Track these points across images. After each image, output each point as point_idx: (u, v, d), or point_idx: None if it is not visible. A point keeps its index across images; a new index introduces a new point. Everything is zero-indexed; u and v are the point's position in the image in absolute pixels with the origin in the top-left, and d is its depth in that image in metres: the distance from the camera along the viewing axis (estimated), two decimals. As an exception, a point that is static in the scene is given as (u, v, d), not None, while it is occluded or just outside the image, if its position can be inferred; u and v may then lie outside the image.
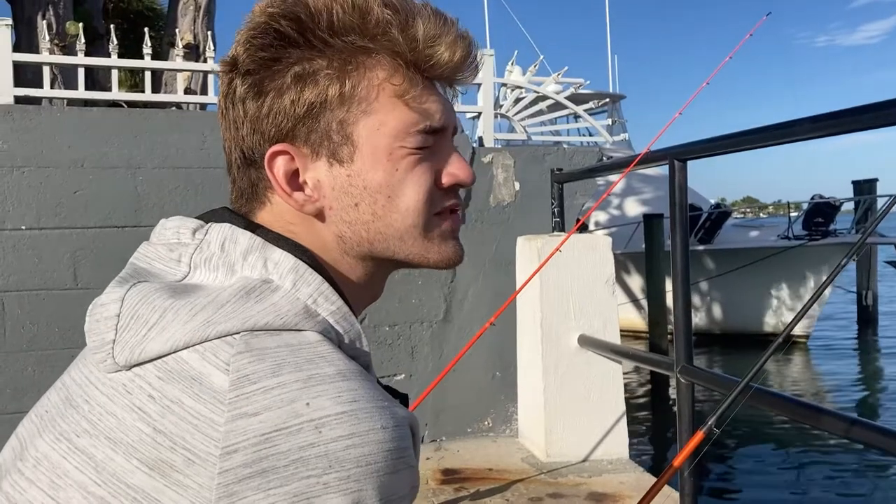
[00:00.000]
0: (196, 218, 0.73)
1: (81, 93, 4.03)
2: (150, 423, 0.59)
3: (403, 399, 0.79)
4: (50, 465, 0.62)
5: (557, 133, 5.55)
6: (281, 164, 0.71)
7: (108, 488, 0.58)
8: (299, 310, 0.64)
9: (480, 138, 4.68)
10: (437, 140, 0.75)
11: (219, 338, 0.61)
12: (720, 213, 16.75)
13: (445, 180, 0.76)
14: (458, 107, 4.64)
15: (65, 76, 5.42)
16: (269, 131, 0.71)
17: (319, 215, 0.73)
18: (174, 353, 0.61)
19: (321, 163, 0.72)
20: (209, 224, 0.71)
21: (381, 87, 0.71)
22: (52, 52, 4.79)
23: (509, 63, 5.21)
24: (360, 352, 0.69)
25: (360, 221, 0.73)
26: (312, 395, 0.58)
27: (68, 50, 5.74)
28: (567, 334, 3.63)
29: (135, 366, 0.62)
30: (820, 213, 15.44)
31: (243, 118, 0.72)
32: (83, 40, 4.09)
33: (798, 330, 13.85)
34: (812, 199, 16.01)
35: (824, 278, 13.79)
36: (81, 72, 4.02)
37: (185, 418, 0.58)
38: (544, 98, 5.08)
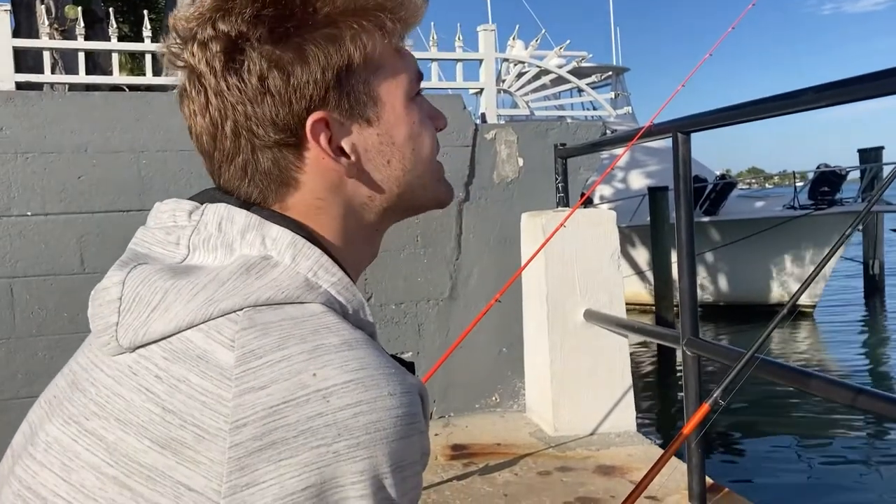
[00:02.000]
0: (189, 199, 0.72)
1: (83, 77, 4.02)
2: (159, 402, 0.59)
3: (410, 367, 0.81)
4: (61, 449, 0.63)
5: (561, 107, 5.54)
6: (322, 132, 0.70)
7: (122, 468, 0.59)
8: (300, 283, 0.65)
9: (483, 114, 4.66)
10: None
11: (222, 315, 0.61)
12: (725, 185, 16.68)
13: (439, 123, 0.80)
14: (460, 83, 4.62)
15: (65, 61, 5.40)
16: (300, 103, 0.68)
17: (357, 178, 0.74)
18: (178, 332, 0.61)
19: (354, 126, 0.72)
20: (204, 205, 0.71)
21: (384, 45, 0.73)
22: (51, 36, 4.79)
23: (511, 38, 5.16)
24: (365, 321, 0.69)
25: (393, 177, 0.75)
26: (318, 365, 0.58)
27: (68, 34, 5.72)
28: (573, 309, 3.64)
29: (139, 347, 0.62)
30: (826, 183, 15.37)
31: (263, 93, 0.68)
32: (82, 24, 4.08)
33: (804, 300, 13.83)
34: (818, 168, 15.93)
35: (830, 248, 13.73)
36: (82, 56, 4.01)
37: (193, 396, 0.59)
38: (547, 72, 5.05)
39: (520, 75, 5.01)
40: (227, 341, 0.60)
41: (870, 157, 16.77)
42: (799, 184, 16.08)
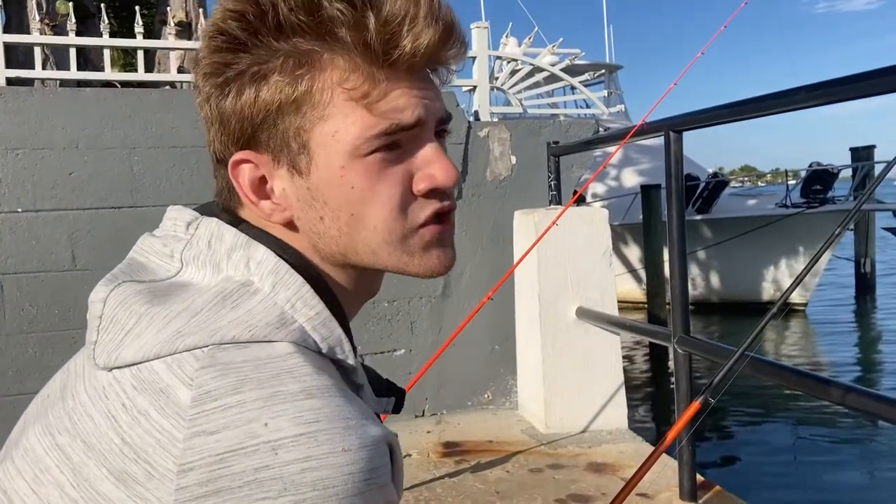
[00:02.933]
0: (194, 209, 0.72)
1: (74, 73, 4.00)
2: (120, 432, 0.59)
3: (400, 395, 0.78)
4: (34, 458, 0.62)
5: (554, 105, 5.53)
6: (245, 172, 0.69)
7: (82, 492, 0.59)
8: (273, 318, 0.63)
9: (476, 112, 4.66)
10: (410, 139, 0.68)
11: (187, 350, 0.60)
12: (717, 183, 16.74)
13: (421, 186, 0.69)
14: (452, 80, 4.62)
15: (57, 56, 5.38)
16: (234, 135, 0.68)
17: (290, 225, 0.70)
18: (146, 362, 0.61)
19: (284, 171, 0.68)
20: (201, 218, 0.70)
21: (335, 89, 0.65)
22: (42, 32, 4.76)
23: (504, 35, 5.17)
24: (340, 359, 0.67)
25: (329, 235, 0.69)
26: (271, 415, 0.56)
27: (59, 29, 5.69)
28: (565, 307, 3.65)
29: (114, 368, 0.62)
30: (818, 181, 15.44)
31: (210, 119, 0.70)
32: (74, 19, 4.06)
33: (796, 298, 13.91)
34: (810, 166, 15.99)
35: (821, 246, 13.78)
36: (73, 52, 4.00)
37: (149, 431, 0.58)
38: (540, 70, 5.05)
39: (513, 73, 5.01)
40: (187, 379, 0.58)
41: (861, 155, 16.86)
42: (791, 182, 16.14)
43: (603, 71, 20.60)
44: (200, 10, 5.41)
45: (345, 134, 0.65)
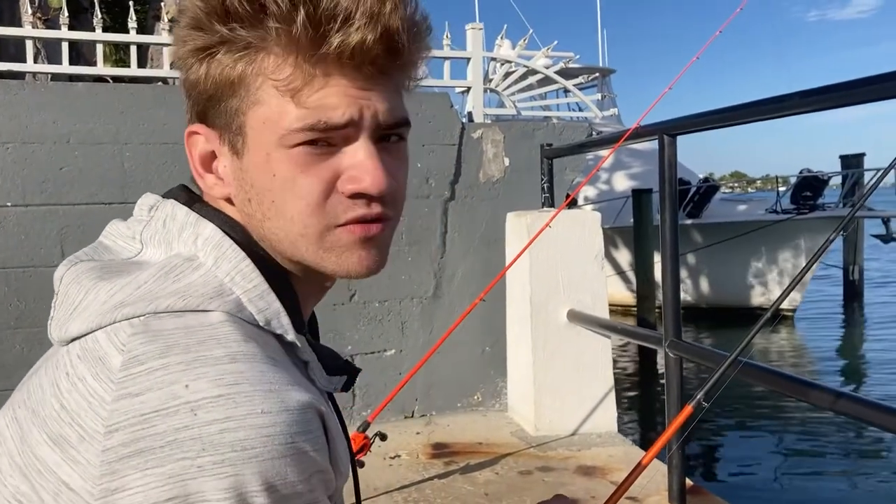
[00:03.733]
0: (162, 194, 0.76)
1: (66, 67, 3.97)
2: (60, 398, 0.61)
3: (350, 369, 0.79)
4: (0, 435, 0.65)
5: (547, 108, 5.54)
6: (198, 144, 0.73)
7: (25, 458, 0.61)
8: (210, 290, 0.65)
9: (470, 113, 4.66)
10: (342, 138, 0.68)
11: (125, 319, 0.62)
12: (708, 188, 16.81)
13: (348, 187, 0.68)
14: (447, 81, 4.61)
15: (48, 50, 5.34)
16: (193, 108, 0.73)
17: (229, 201, 0.72)
18: (90, 333, 0.63)
19: (226, 149, 0.71)
20: (162, 200, 0.74)
21: (266, 78, 0.67)
22: (34, 25, 4.73)
23: (499, 37, 5.16)
24: (278, 333, 0.68)
25: (255, 218, 0.71)
26: (192, 377, 0.58)
27: (51, 23, 5.65)
28: (556, 309, 3.64)
29: (68, 343, 0.65)
30: (808, 188, 15.52)
31: (182, 91, 0.75)
32: (66, 13, 4.03)
33: (785, 304, 13.95)
34: (800, 173, 16.07)
35: (812, 252, 13.90)
36: (65, 46, 3.97)
37: (84, 395, 0.60)
38: (534, 72, 5.05)
39: (507, 75, 5.00)
40: (120, 345, 0.61)
41: (851, 163, 16.95)
42: (781, 188, 16.22)
43: (596, 74, 20.66)
44: (194, 7, 5.38)
45: (272, 123, 0.67)
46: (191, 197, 0.74)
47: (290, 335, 0.69)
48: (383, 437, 2.79)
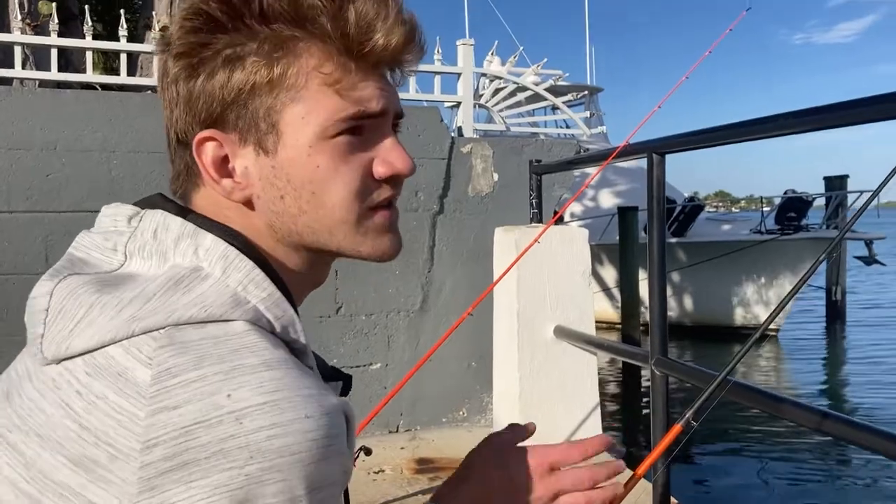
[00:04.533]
0: (133, 204, 0.73)
1: (54, 74, 3.96)
2: (76, 419, 0.58)
3: (347, 380, 0.81)
4: None
5: (535, 124, 5.56)
6: (209, 150, 0.71)
7: (37, 485, 0.59)
8: (226, 299, 0.64)
9: (459, 128, 4.67)
10: (372, 127, 0.73)
11: (144, 333, 0.61)
12: (694, 207, 16.92)
13: (381, 170, 0.73)
14: (438, 96, 4.63)
15: (37, 57, 5.32)
16: (200, 115, 0.70)
17: (248, 203, 0.72)
18: (101, 348, 0.61)
19: (249, 150, 0.71)
20: (144, 211, 0.71)
21: (310, 74, 0.69)
22: (23, 31, 4.71)
23: (489, 53, 5.20)
24: (294, 339, 0.68)
25: (288, 214, 0.71)
26: (234, 386, 0.57)
27: (41, 30, 5.62)
28: (543, 325, 3.64)
29: (64, 360, 0.62)
30: (792, 208, 15.65)
31: (176, 100, 0.72)
32: (56, 20, 4.01)
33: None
34: (785, 194, 16.21)
35: (796, 272, 13.99)
36: (54, 53, 3.95)
37: (109, 413, 0.58)
38: (523, 89, 5.08)
39: (497, 91, 5.03)
40: (146, 359, 0.59)
41: (835, 185, 17.11)
42: (766, 209, 16.35)
43: (585, 92, 20.81)
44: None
45: (315, 115, 0.69)
46: (180, 207, 0.72)
47: (303, 340, 0.69)
48: (367, 451, 2.75)
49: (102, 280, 0.65)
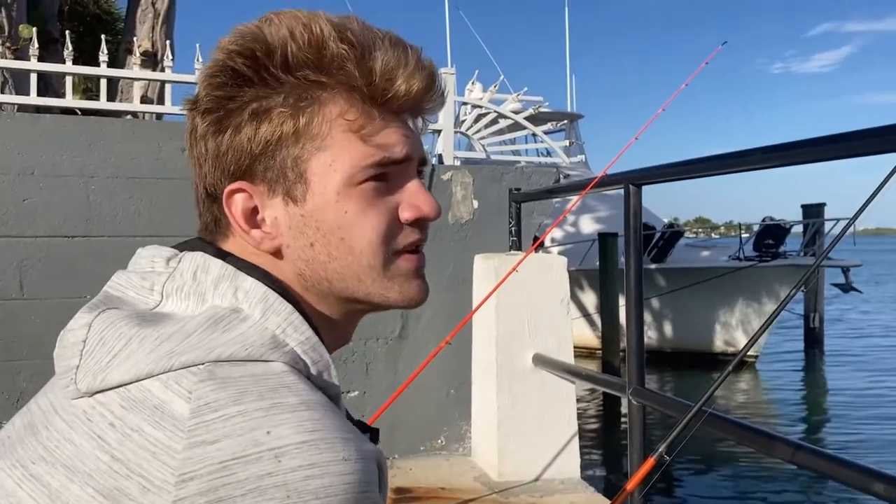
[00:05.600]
0: (172, 247, 0.74)
1: (33, 98, 3.94)
2: (109, 450, 0.58)
3: (374, 433, 0.79)
4: (4, 493, 0.61)
5: (517, 152, 5.60)
6: (239, 202, 0.72)
7: None
8: (266, 340, 0.64)
9: (440, 155, 4.69)
10: (397, 173, 0.74)
11: (183, 368, 0.60)
12: (673, 233, 17.03)
13: (407, 215, 0.74)
14: (427, 131, 4.65)
15: (16, 81, 5.29)
16: (229, 168, 0.72)
17: (277, 253, 0.73)
18: (137, 381, 0.61)
19: (278, 200, 0.72)
20: (183, 252, 0.72)
21: (334, 122, 0.70)
22: (3, 55, 4.69)
23: (470, 81, 5.25)
24: (329, 383, 0.68)
25: (317, 261, 0.72)
26: (274, 423, 0.57)
27: (21, 53, 5.60)
28: (522, 353, 3.64)
29: (97, 392, 0.61)
30: (770, 235, 15.80)
31: (205, 155, 0.73)
32: (36, 45, 4.00)
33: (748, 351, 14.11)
34: (763, 221, 16.37)
35: (773, 299, 14.09)
36: (34, 77, 3.94)
37: (143, 446, 0.57)
38: (504, 117, 5.12)
39: (478, 118, 5.07)
40: (185, 393, 0.59)
41: (812, 212, 17.30)
42: (744, 235, 16.49)
43: (565, 121, 20.99)
44: (167, 41, 5.37)
45: (342, 163, 0.70)
46: (219, 250, 0.73)
47: (338, 385, 0.70)
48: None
49: (142, 315, 0.66)
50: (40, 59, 4.06)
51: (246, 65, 0.69)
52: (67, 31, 4.27)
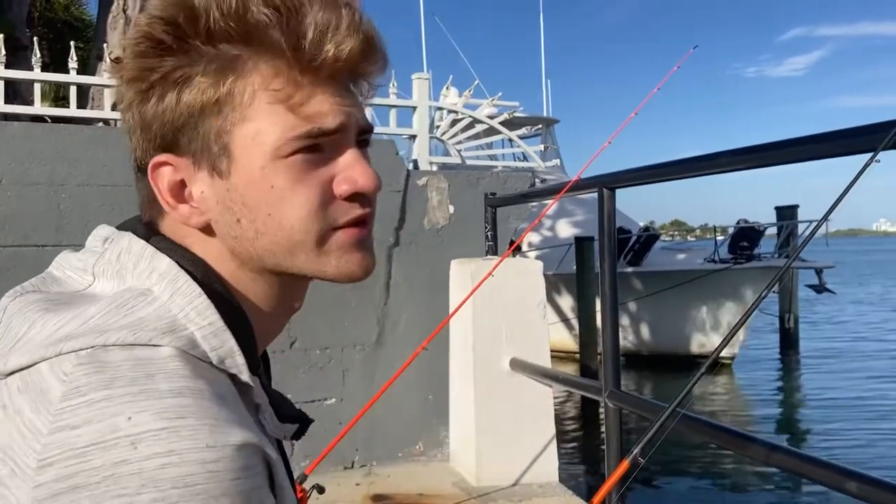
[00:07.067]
0: (117, 226, 0.73)
1: (1, 106, 3.88)
2: None
3: (302, 420, 0.78)
4: None
5: (493, 157, 5.61)
6: (165, 175, 0.69)
7: None
8: (163, 324, 0.62)
9: (415, 161, 4.69)
10: (332, 144, 0.70)
11: (71, 352, 0.59)
12: (649, 236, 17.14)
13: (343, 188, 0.70)
14: (394, 128, 4.65)
15: (-15, 88, 5.21)
16: (155, 140, 0.69)
17: (207, 229, 0.70)
18: (32, 365, 0.60)
19: (204, 174, 0.69)
20: (117, 232, 0.71)
21: (258, 92, 0.67)
22: (-29, 62, 4.61)
23: (445, 87, 5.24)
24: (231, 372, 0.65)
25: (245, 237, 0.69)
26: (136, 409, 0.55)
27: (-11, 60, 5.53)
28: (499, 358, 3.64)
29: (8, 375, 0.61)
30: (745, 238, 15.95)
31: (133, 125, 0.70)
32: (4, 52, 3.95)
33: (724, 352, 14.19)
34: (737, 223, 16.53)
35: (749, 301, 14.22)
36: (1, 84, 3.88)
37: (19, 429, 0.56)
38: (479, 121, 5.12)
39: (453, 123, 5.07)
40: (63, 375, 0.58)
41: (786, 214, 17.50)
42: (720, 238, 16.64)
43: (540, 126, 21.06)
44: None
45: (266, 135, 0.67)
46: (149, 230, 0.71)
47: (245, 375, 0.66)
48: (321, 489, 2.71)
49: (55, 299, 0.64)
50: (8, 65, 4.01)
51: (167, 32, 0.66)
52: (35, 38, 4.21)
